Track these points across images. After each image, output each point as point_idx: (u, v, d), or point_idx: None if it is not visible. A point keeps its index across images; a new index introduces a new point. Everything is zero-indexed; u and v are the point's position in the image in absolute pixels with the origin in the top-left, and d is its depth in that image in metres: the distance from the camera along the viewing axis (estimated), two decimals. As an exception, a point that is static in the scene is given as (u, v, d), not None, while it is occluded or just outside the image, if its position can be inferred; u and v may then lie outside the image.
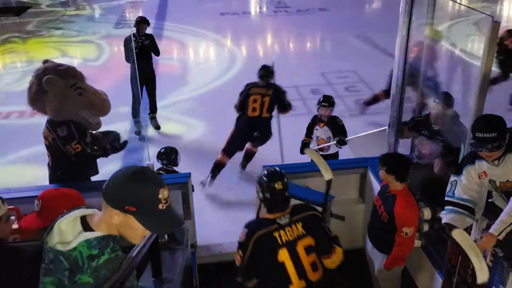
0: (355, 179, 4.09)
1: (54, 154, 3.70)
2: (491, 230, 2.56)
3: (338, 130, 4.73)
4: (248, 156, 5.44)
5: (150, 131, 6.47)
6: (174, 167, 4.46)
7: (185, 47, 10.33)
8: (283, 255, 2.59)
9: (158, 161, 4.43)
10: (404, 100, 3.88)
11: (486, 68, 2.61)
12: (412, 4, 3.54)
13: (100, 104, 3.65)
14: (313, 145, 4.85)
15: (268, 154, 5.22)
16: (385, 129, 4.61)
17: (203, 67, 9.02)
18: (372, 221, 3.34)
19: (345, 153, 4.90)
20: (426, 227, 3.16)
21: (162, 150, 4.51)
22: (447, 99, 3.56)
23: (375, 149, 4.63)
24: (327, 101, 4.70)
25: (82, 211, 1.59)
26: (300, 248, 2.63)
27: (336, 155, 4.88)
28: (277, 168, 2.79)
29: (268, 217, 2.68)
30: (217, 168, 5.17)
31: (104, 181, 1.55)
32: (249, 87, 5.18)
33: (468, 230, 2.77)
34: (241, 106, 5.15)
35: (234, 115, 5.24)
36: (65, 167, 3.70)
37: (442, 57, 5.54)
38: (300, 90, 7.39)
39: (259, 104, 5.06)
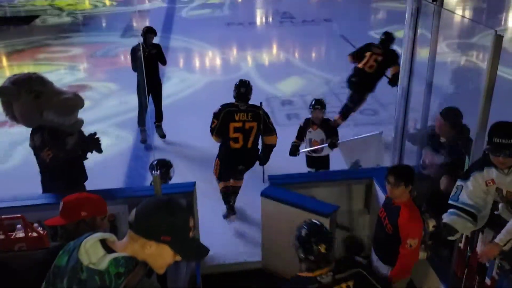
0: (360, 189, 4.08)
1: (38, 162, 3.73)
2: (496, 240, 2.54)
3: (331, 132, 4.82)
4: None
5: (156, 140, 6.50)
6: (168, 181, 4.29)
7: (191, 57, 10.40)
8: None
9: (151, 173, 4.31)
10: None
11: (490, 80, 2.62)
12: (418, 17, 3.56)
13: (62, 103, 3.58)
14: (305, 147, 4.91)
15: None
16: (377, 134, 4.62)
17: (208, 76, 9.08)
18: (377, 232, 3.33)
19: (337, 156, 4.94)
20: (431, 240, 3.14)
21: (154, 163, 4.30)
22: (449, 114, 3.54)
23: (366, 153, 4.64)
24: (320, 104, 4.79)
25: (102, 235, 1.60)
26: None
27: (327, 157, 4.95)
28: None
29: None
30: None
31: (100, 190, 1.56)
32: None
33: (474, 242, 2.75)
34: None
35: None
36: (46, 175, 3.72)
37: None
38: (306, 99, 7.41)
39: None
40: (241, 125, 4.26)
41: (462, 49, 9.97)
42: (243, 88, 4.35)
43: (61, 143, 3.64)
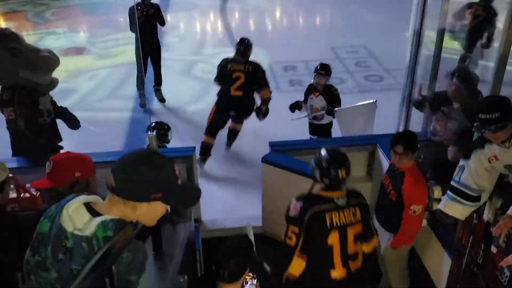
0: (363, 156, 3.99)
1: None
2: (509, 212, 2.46)
3: (333, 100, 4.63)
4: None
5: (155, 104, 6.38)
6: (165, 144, 4.24)
7: (192, 20, 10.13)
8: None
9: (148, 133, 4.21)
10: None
11: (507, 42, 2.47)
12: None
13: (40, 60, 3.45)
14: (307, 114, 4.77)
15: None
16: (372, 102, 4.42)
17: (209, 40, 8.86)
18: (380, 200, 3.26)
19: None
20: (435, 206, 3.07)
21: (152, 125, 4.29)
22: (465, 77, 3.42)
23: (360, 121, 4.44)
24: (324, 69, 4.59)
25: (85, 197, 1.49)
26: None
27: (330, 124, 4.80)
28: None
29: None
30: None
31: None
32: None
33: (480, 210, 2.67)
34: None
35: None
36: (16, 136, 3.57)
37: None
38: (310, 65, 7.21)
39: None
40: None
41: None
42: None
43: (32, 103, 3.49)
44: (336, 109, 4.56)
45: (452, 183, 2.69)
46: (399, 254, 3.19)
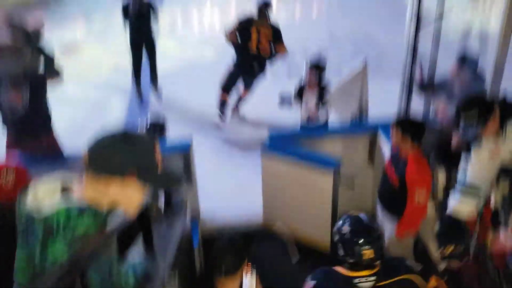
0: (365, 142, 3.89)
1: None
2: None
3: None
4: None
5: (152, 99, 6.32)
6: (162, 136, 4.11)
7: (187, 8, 10.00)
8: None
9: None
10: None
11: (507, 25, 2.38)
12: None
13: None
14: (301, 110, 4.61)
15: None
16: (362, 61, 4.19)
17: (204, 31, 8.76)
18: (383, 186, 3.18)
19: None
20: (440, 194, 2.98)
21: (147, 117, 4.28)
22: (466, 61, 3.34)
23: (358, 92, 4.23)
24: (316, 65, 4.46)
25: (64, 182, 1.40)
26: None
27: (326, 125, 4.63)
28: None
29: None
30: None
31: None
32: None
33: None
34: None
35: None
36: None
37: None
38: (308, 52, 7.09)
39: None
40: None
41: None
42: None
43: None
44: (327, 97, 4.38)
45: (458, 186, 2.63)
46: (404, 244, 3.10)
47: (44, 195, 1.35)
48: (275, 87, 5.12)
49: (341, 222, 2.01)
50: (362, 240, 1.90)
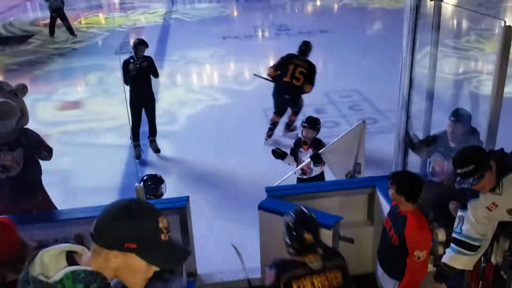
0: (363, 199, 3.89)
1: None
2: None
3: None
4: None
5: (150, 156, 6.34)
6: (161, 196, 4.10)
7: (188, 69, 10.29)
8: None
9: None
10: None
11: (501, 75, 2.46)
12: (417, 16, 3.42)
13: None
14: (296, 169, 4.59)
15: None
16: (360, 124, 4.25)
17: (205, 90, 8.95)
18: (382, 244, 3.13)
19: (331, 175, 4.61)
20: (440, 250, 2.94)
21: (144, 177, 4.18)
22: (461, 116, 3.42)
23: (354, 151, 4.27)
24: (310, 123, 4.55)
25: (70, 246, 1.41)
26: None
27: (321, 176, 4.66)
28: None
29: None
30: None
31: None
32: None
33: (488, 253, 2.56)
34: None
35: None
36: None
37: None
38: (304, 110, 7.24)
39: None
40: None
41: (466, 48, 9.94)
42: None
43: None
44: (320, 151, 4.36)
45: (454, 235, 2.65)
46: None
47: (49, 261, 1.35)
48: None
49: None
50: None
